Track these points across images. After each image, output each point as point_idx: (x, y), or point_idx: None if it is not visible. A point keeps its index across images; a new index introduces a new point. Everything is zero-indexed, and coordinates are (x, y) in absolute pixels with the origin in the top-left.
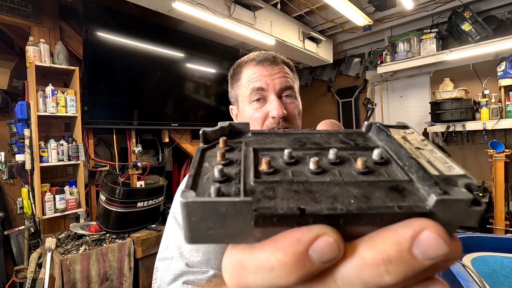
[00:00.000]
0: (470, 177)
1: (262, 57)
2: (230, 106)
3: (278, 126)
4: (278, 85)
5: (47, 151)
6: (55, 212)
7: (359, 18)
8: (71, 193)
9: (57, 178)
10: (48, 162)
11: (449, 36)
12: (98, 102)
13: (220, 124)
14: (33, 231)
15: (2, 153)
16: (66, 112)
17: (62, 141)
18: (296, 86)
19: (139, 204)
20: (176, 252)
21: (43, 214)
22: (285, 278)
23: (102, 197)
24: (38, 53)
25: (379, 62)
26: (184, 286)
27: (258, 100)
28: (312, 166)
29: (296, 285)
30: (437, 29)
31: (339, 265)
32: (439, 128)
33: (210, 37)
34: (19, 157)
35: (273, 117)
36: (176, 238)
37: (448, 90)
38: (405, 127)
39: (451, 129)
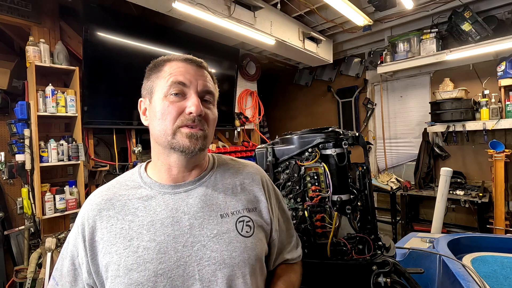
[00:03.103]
0: None
1: (189, 57)
2: (140, 99)
3: (193, 124)
4: (201, 86)
5: (47, 151)
6: (55, 212)
7: (359, 18)
8: (71, 193)
9: (57, 178)
10: (48, 162)
11: (449, 36)
12: (98, 102)
13: None
14: (33, 231)
15: (2, 153)
16: (66, 112)
17: (62, 141)
18: (216, 96)
19: None
20: (60, 280)
21: (43, 214)
22: None
23: None
24: (38, 53)
25: (379, 62)
26: None
27: (176, 94)
28: None
29: None
30: (437, 29)
31: None
32: (439, 128)
33: (210, 37)
34: (19, 157)
35: (190, 113)
36: (63, 265)
37: (448, 90)
38: None
39: (451, 129)
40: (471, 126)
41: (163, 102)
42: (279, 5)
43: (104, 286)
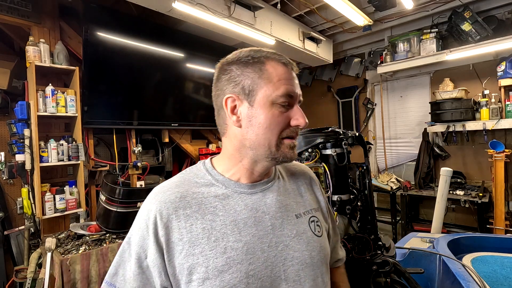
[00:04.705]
0: None
1: (288, 61)
2: (228, 96)
3: (295, 135)
4: (299, 95)
5: (47, 151)
6: (55, 212)
7: (359, 18)
8: (71, 193)
9: (57, 178)
10: (48, 162)
11: (449, 36)
12: (98, 102)
13: None
14: (33, 231)
15: (2, 153)
16: (66, 112)
17: (62, 141)
18: None
19: (139, 204)
20: (124, 286)
21: (43, 214)
22: None
23: (102, 197)
24: (38, 53)
25: (379, 62)
26: None
27: (283, 105)
28: None
29: None
30: (437, 29)
31: None
32: (439, 128)
33: (210, 37)
34: (19, 157)
35: (297, 126)
36: (125, 270)
37: (448, 90)
38: None
39: (451, 129)
40: (471, 126)
41: (271, 111)
42: (279, 5)
43: None
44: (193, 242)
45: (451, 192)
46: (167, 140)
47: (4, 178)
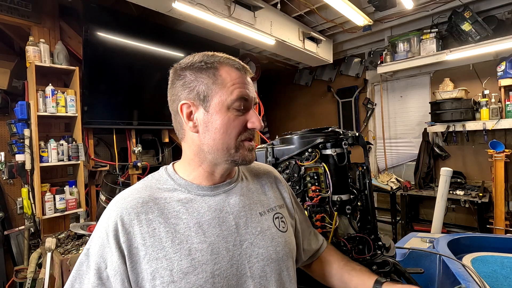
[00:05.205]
0: None
1: (239, 65)
2: (183, 102)
3: (252, 137)
4: (253, 98)
5: (47, 151)
6: (55, 212)
7: (359, 18)
8: (71, 193)
9: (57, 178)
10: (48, 162)
11: (449, 36)
12: (98, 102)
13: None
14: (33, 231)
15: (2, 153)
16: (66, 112)
17: (62, 141)
18: None
19: None
20: None
21: (43, 214)
22: None
23: (102, 197)
24: (38, 53)
25: (379, 62)
26: None
27: (238, 109)
28: None
29: None
30: (437, 29)
31: None
32: (439, 128)
33: (210, 37)
34: (19, 157)
35: (253, 129)
36: (82, 284)
37: (448, 90)
38: None
39: (451, 129)
40: (471, 126)
41: (227, 115)
42: (279, 5)
43: None
44: (157, 246)
45: (451, 192)
46: (167, 140)
47: (4, 178)
